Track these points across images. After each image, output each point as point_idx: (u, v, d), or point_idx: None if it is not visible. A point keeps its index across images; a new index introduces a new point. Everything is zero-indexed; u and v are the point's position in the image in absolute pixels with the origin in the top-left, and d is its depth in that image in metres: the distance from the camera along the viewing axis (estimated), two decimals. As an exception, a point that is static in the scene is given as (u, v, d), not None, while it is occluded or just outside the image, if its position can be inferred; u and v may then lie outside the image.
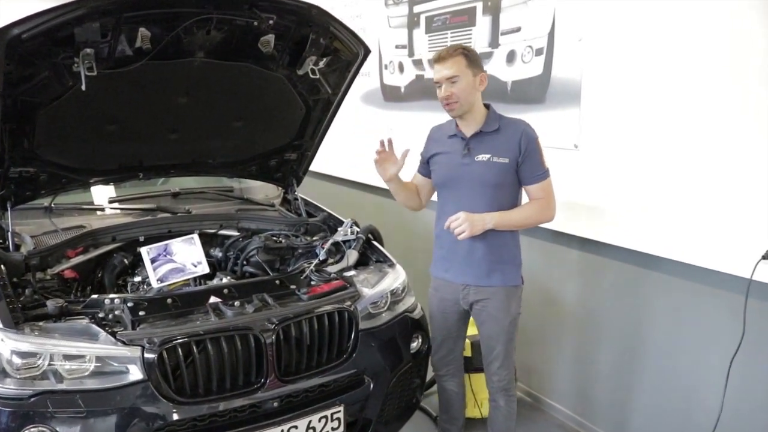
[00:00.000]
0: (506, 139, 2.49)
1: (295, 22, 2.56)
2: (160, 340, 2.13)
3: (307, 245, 3.05)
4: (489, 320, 2.62)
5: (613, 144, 2.86)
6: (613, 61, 2.81)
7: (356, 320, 2.51)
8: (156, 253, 2.68)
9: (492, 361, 2.68)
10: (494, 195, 2.50)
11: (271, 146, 3.25)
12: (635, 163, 2.77)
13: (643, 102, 2.70)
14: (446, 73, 2.42)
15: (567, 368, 3.42)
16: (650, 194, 2.72)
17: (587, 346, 3.27)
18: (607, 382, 3.18)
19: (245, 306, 2.37)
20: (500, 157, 2.48)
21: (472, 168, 2.51)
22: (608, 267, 3.05)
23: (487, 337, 2.66)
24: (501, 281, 2.58)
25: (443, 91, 2.44)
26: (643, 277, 2.89)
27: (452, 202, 2.56)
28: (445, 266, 2.67)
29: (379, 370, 2.58)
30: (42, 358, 2.06)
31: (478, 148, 2.51)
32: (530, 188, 2.53)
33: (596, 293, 3.16)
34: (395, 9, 4.31)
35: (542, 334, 3.49)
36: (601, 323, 3.15)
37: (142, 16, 2.28)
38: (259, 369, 2.27)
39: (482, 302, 2.60)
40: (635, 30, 2.70)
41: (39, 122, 2.51)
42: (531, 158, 2.48)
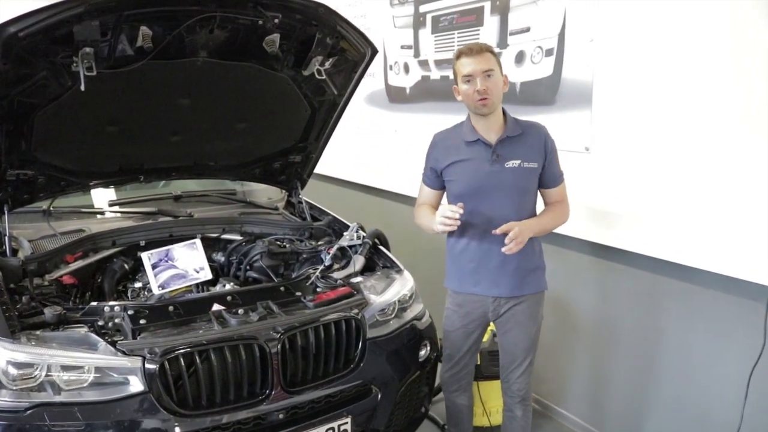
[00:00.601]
0: (531, 143, 2.43)
1: (301, 21, 2.48)
2: (161, 350, 2.05)
3: (311, 250, 2.97)
4: (516, 328, 2.54)
5: (625, 146, 2.79)
6: (625, 62, 2.74)
7: (364, 329, 2.44)
8: (157, 259, 2.60)
9: (514, 369, 2.60)
10: (522, 201, 2.45)
11: (275, 148, 3.17)
12: (649, 166, 2.70)
13: (657, 103, 2.63)
14: (481, 66, 2.30)
15: (578, 376, 3.35)
16: (665, 198, 2.64)
17: (599, 353, 3.20)
18: (620, 391, 3.10)
19: (249, 314, 2.29)
20: (530, 162, 2.41)
21: (502, 175, 2.39)
22: (621, 273, 2.98)
23: (512, 345, 2.58)
24: (533, 288, 2.52)
25: (479, 84, 2.29)
26: (658, 283, 2.81)
27: (480, 212, 2.42)
28: (474, 280, 2.52)
29: (387, 380, 2.51)
30: (39, 369, 1.98)
31: (507, 154, 2.40)
32: (551, 191, 2.50)
33: (609, 300, 3.09)
34: (400, 9, 4.24)
35: (552, 341, 3.41)
36: (613, 330, 3.08)
37: (143, 14, 2.20)
38: (264, 380, 2.20)
39: (511, 311, 2.52)
40: (648, 30, 2.63)
41: (37, 123, 2.43)
42: (553, 161, 2.46)
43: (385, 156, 4.61)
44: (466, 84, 2.34)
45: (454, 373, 2.71)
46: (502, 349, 2.63)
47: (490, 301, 2.52)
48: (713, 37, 2.40)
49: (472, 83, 2.32)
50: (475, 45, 2.35)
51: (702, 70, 2.45)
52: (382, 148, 4.63)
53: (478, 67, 2.30)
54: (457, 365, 2.69)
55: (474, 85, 2.31)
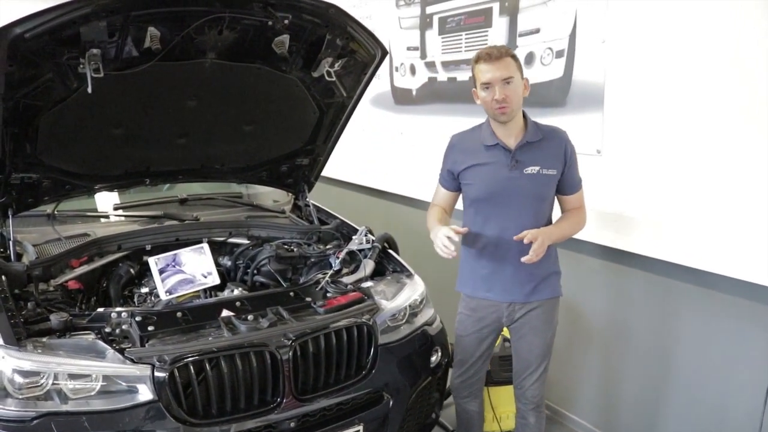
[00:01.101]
0: (551, 149, 2.37)
1: (312, 22, 2.45)
2: (171, 357, 2.01)
3: (320, 254, 2.93)
4: (530, 334, 2.49)
5: (638, 149, 2.75)
6: (637, 63, 2.70)
7: (376, 335, 2.39)
8: (164, 264, 2.56)
9: (528, 376, 2.56)
10: (539, 208, 2.40)
11: (282, 151, 3.13)
12: (662, 169, 2.66)
13: (670, 105, 2.59)
14: (500, 73, 2.23)
15: (589, 381, 3.30)
16: (679, 201, 2.60)
17: (611, 358, 3.15)
18: (633, 397, 3.06)
19: (259, 320, 2.25)
20: (549, 168, 2.36)
21: (521, 182, 2.34)
22: (634, 277, 2.93)
23: (526, 351, 2.53)
24: (548, 294, 2.48)
25: (497, 92, 2.24)
26: (672, 288, 2.76)
27: (496, 218, 2.40)
28: (487, 286, 2.49)
29: (399, 386, 2.47)
30: (45, 377, 1.94)
31: (526, 160, 2.35)
32: (569, 198, 2.46)
33: (621, 304, 3.04)
34: (407, 10, 4.20)
35: (563, 345, 3.36)
36: (626, 335, 3.04)
37: (151, 15, 2.16)
38: (275, 388, 2.15)
39: (526, 316, 2.48)
40: (661, 31, 2.59)
41: (42, 126, 2.39)
42: (573, 167, 2.42)
43: (391, 158, 4.57)
44: (485, 91, 2.29)
45: (465, 379, 2.67)
46: (516, 355, 2.59)
47: (504, 306, 2.48)
48: (729, 37, 2.36)
49: (490, 90, 2.26)
50: (494, 50, 2.27)
51: (717, 71, 2.41)
52: (388, 151, 4.59)
53: (497, 74, 2.23)
54: (469, 371, 2.65)
55: (492, 92, 2.26)
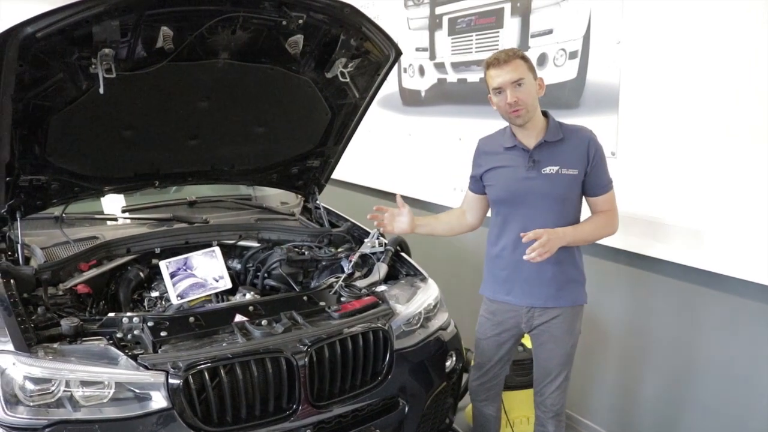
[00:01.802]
0: (572, 148, 2.30)
1: (326, 22, 2.41)
2: (185, 364, 1.97)
3: (331, 257, 2.89)
4: (550, 342, 2.43)
5: (654, 151, 2.71)
6: (654, 64, 2.66)
7: (391, 340, 2.36)
8: (176, 267, 2.52)
9: (548, 384, 2.51)
10: (561, 209, 2.33)
11: (293, 153, 3.09)
12: (679, 172, 2.61)
13: (686, 106, 2.55)
14: (510, 77, 2.20)
15: (606, 387, 3.26)
16: (696, 204, 2.56)
17: (629, 364, 3.10)
18: (651, 404, 3.01)
19: (273, 325, 2.21)
20: (569, 168, 2.29)
21: (538, 182, 2.30)
22: (650, 280, 2.89)
23: (546, 359, 2.48)
24: (570, 301, 2.40)
25: (509, 96, 2.21)
26: (692, 293, 2.72)
27: (516, 219, 2.37)
28: (507, 288, 2.45)
29: (415, 392, 2.43)
30: (57, 384, 1.90)
31: (544, 160, 2.31)
32: (596, 200, 2.37)
33: (638, 309, 2.99)
34: (415, 10, 4.17)
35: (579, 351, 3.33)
36: (641, 340, 2.99)
37: (164, 14, 2.12)
38: (291, 394, 2.11)
39: (547, 323, 2.42)
40: (678, 31, 2.55)
41: (52, 128, 2.35)
42: (599, 168, 2.32)
43: (399, 160, 4.52)
44: (497, 96, 2.27)
45: (483, 382, 2.63)
46: (536, 362, 2.54)
47: (523, 311, 2.43)
48: (747, 37, 2.32)
49: (503, 95, 2.24)
50: (502, 54, 2.24)
51: (735, 72, 2.37)
52: (396, 153, 4.55)
53: (507, 77, 2.21)
54: (487, 375, 2.61)
55: (504, 97, 2.23)
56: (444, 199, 3.95)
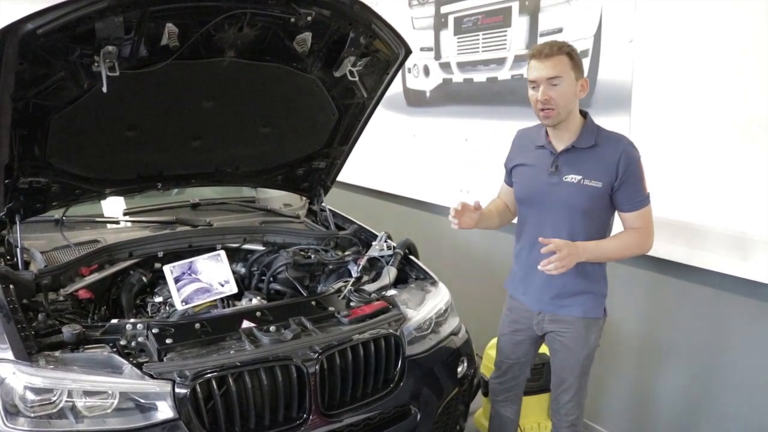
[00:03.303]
0: (602, 158, 2.15)
1: (335, 19, 2.34)
2: (192, 373, 1.91)
3: (338, 261, 2.83)
4: (563, 351, 2.36)
5: (668, 153, 2.64)
6: (667, 63, 2.60)
7: (403, 346, 2.29)
8: (180, 272, 2.44)
9: (561, 393, 2.43)
10: (581, 221, 2.20)
11: (299, 154, 3.02)
12: (694, 174, 2.56)
13: (702, 106, 2.49)
14: (547, 72, 2.08)
15: (621, 394, 3.20)
16: (713, 207, 2.50)
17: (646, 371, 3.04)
18: (668, 413, 2.95)
19: (282, 331, 2.15)
20: (593, 180, 2.15)
21: (559, 189, 2.20)
22: (667, 285, 2.82)
23: (560, 368, 2.41)
24: (581, 312, 2.29)
25: (540, 93, 2.10)
26: (709, 296, 2.66)
27: (532, 223, 2.31)
28: (523, 288, 2.41)
29: (427, 399, 2.37)
30: (59, 394, 1.84)
31: (568, 166, 2.19)
32: (627, 216, 2.21)
33: (656, 314, 2.93)
34: (420, 10, 4.10)
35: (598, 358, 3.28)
36: (661, 346, 2.92)
37: (170, 11, 2.05)
38: (301, 403, 2.05)
39: (557, 332, 2.35)
40: (692, 30, 2.50)
41: (52, 128, 2.28)
42: (630, 183, 2.14)
43: (403, 162, 4.46)
44: (532, 89, 2.16)
45: (502, 381, 2.58)
46: (552, 369, 2.48)
47: (534, 313, 2.38)
48: (764, 34, 2.26)
49: (536, 90, 2.13)
50: (547, 46, 2.11)
51: (752, 70, 2.32)
52: (400, 154, 4.49)
53: (544, 73, 2.09)
54: (505, 375, 2.56)
55: (537, 92, 2.12)
56: (450, 201, 3.88)
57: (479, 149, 3.70)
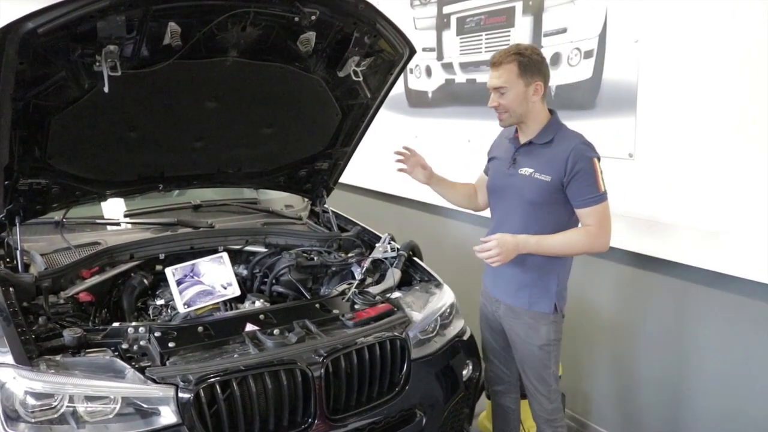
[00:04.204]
0: (554, 154, 2.23)
1: (340, 19, 2.31)
2: (196, 377, 1.88)
3: (341, 263, 2.79)
4: (517, 342, 2.43)
5: (673, 153, 2.63)
6: (673, 62, 2.58)
7: (409, 349, 2.27)
8: (182, 274, 2.42)
9: (527, 387, 2.49)
10: (532, 213, 2.28)
11: (302, 155, 3.00)
12: (699, 174, 2.54)
13: (708, 107, 2.47)
14: (493, 82, 2.26)
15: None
16: (716, 208, 2.48)
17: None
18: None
19: (286, 335, 2.12)
20: (542, 174, 2.24)
21: (513, 180, 2.34)
22: (666, 285, 2.80)
23: (519, 361, 2.47)
24: (526, 304, 2.36)
25: (490, 100, 2.30)
26: (704, 294, 2.65)
27: (496, 211, 2.47)
28: (490, 276, 2.52)
29: (432, 403, 2.36)
30: (60, 399, 1.81)
31: (523, 160, 2.33)
32: (580, 212, 2.24)
33: (652, 313, 2.91)
34: (422, 10, 4.08)
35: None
36: (655, 344, 2.91)
37: (172, 9, 2.01)
38: (306, 408, 2.02)
39: (510, 321, 2.42)
40: (698, 29, 2.48)
41: (52, 129, 2.25)
42: (580, 179, 2.19)
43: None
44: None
45: (492, 369, 2.64)
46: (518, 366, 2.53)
47: (494, 300, 2.49)
48: None
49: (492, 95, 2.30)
50: (498, 55, 2.25)
51: (760, 70, 2.29)
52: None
53: (492, 82, 2.26)
54: (492, 362, 2.63)
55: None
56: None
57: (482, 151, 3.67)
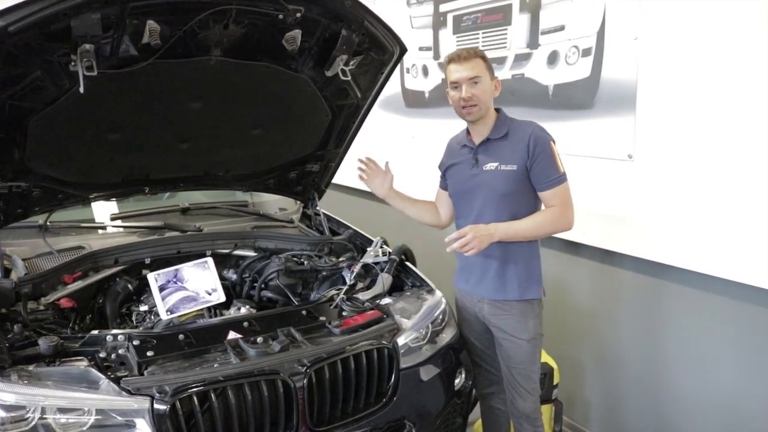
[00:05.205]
0: (515, 144, 2.33)
1: (326, 16, 2.24)
2: (172, 388, 1.81)
3: (332, 267, 2.72)
4: (504, 339, 2.42)
5: (673, 153, 2.56)
6: (673, 61, 2.52)
7: (397, 358, 2.19)
8: (165, 280, 2.35)
9: (512, 385, 2.46)
10: (505, 205, 2.34)
11: (291, 157, 2.93)
12: (700, 175, 2.47)
13: (709, 106, 2.41)
14: (467, 73, 2.29)
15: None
16: (719, 211, 2.41)
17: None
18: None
19: (270, 343, 2.05)
20: (508, 164, 2.32)
21: (480, 178, 2.38)
22: (668, 291, 2.73)
23: (505, 358, 2.45)
24: (516, 295, 2.38)
25: (464, 91, 2.30)
26: (706, 301, 2.57)
27: (464, 214, 2.47)
28: (465, 277, 2.53)
29: (422, 413, 2.29)
30: (32, 411, 1.74)
31: (486, 156, 2.38)
32: (544, 195, 2.33)
33: (653, 319, 2.83)
34: (418, 8, 4.01)
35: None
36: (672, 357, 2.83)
37: (150, 7, 1.94)
38: (288, 419, 1.95)
39: (497, 317, 2.42)
40: (699, 26, 2.41)
41: (31, 130, 2.18)
42: (541, 162, 2.29)
43: (402, 164, 4.34)
44: (454, 90, 2.35)
45: (479, 372, 2.63)
46: (501, 365, 2.50)
47: (475, 300, 2.48)
48: None
49: (458, 90, 2.33)
50: (464, 51, 2.33)
51: (762, 68, 2.22)
52: (399, 156, 4.37)
53: (464, 74, 2.29)
54: (479, 366, 2.61)
55: (460, 92, 2.32)
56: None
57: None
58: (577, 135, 2.96)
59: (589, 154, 2.92)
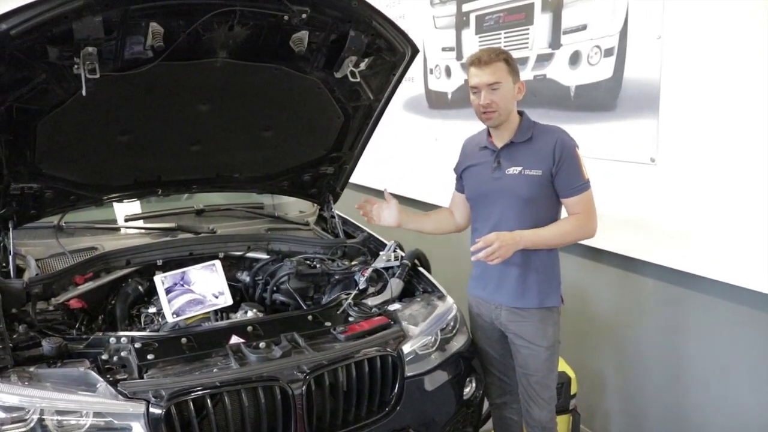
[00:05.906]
0: (539, 149, 2.27)
1: (333, 17, 2.20)
2: (168, 393, 1.79)
3: (344, 271, 2.69)
4: (524, 347, 2.37)
5: (698, 157, 2.46)
6: (698, 61, 2.42)
7: (402, 366, 2.14)
8: (172, 282, 2.34)
9: (531, 397, 2.41)
10: (527, 210, 2.29)
11: (304, 159, 2.90)
12: (726, 180, 2.37)
13: (735, 108, 2.31)
14: (487, 78, 2.22)
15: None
16: (745, 216, 2.31)
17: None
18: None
19: (272, 348, 2.03)
20: (532, 169, 2.27)
21: (502, 182, 2.32)
22: (693, 301, 2.62)
23: (522, 366, 2.40)
24: (536, 302, 2.33)
25: (482, 98, 2.24)
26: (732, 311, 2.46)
27: (483, 218, 2.41)
28: (482, 284, 2.46)
29: (428, 423, 2.24)
30: (31, 413, 1.74)
31: (508, 160, 2.32)
32: (567, 201, 2.30)
33: (676, 329, 2.73)
34: (442, 8, 3.96)
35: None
36: (683, 364, 2.73)
37: (153, 9, 1.93)
38: (287, 427, 1.92)
39: (516, 324, 2.36)
40: (724, 24, 2.31)
41: (40, 132, 2.20)
42: (567, 168, 2.24)
43: (424, 166, 4.31)
44: (473, 95, 2.29)
45: (492, 381, 2.58)
46: (517, 373, 2.46)
47: (493, 307, 2.42)
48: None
49: (477, 95, 2.27)
50: (485, 54, 2.25)
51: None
52: (421, 158, 4.34)
53: (484, 79, 2.23)
54: (492, 374, 2.56)
55: (479, 97, 2.25)
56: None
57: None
58: (598, 137, 2.88)
59: (610, 157, 2.84)
